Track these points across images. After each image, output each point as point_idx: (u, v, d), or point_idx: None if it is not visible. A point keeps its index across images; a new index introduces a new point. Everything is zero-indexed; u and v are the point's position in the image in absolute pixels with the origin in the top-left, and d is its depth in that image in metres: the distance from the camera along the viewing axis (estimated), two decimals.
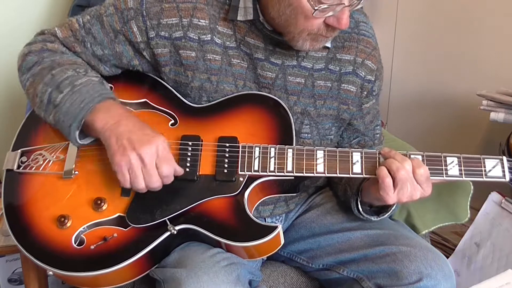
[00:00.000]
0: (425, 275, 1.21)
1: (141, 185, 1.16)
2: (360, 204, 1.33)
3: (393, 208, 1.31)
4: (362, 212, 1.34)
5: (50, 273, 1.19)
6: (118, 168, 1.15)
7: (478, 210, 1.84)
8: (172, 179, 1.20)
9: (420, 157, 1.21)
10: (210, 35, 1.28)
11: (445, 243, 2.17)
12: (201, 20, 1.27)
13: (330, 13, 1.14)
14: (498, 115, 1.92)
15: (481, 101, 1.97)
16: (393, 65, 2.59)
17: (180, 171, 1.21)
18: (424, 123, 2.61)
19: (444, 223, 1.66)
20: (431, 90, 2.53)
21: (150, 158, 1.15)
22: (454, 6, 2.39)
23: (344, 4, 1.13)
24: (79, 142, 1.22)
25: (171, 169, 1.18)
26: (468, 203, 1.66)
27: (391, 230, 1.34)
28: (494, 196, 1.83)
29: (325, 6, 1.12)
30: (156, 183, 1.17)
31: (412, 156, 1.21)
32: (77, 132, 1.20)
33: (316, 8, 1.12)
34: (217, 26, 1.28)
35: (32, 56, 1.28)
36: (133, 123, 1.19)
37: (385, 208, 1.31)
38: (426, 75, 2.56)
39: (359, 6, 1.17)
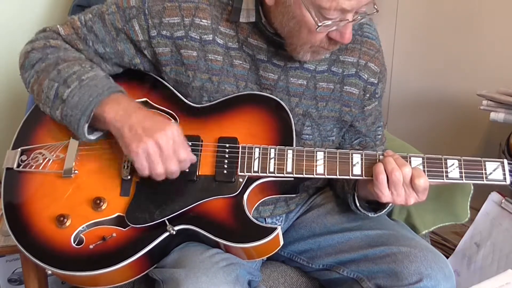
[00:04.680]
0: (425, 275, 1.21)
1: (159, 170, 1.16)
2: (357, 200, 1.33)
3: (389, 205, 1.31)
4: (359, 207, 1.33)
5: (49, 272, 1.19)
6: (136, 156, 1.15)
7: (478, 210, 1.84)
8: (188, 165, 1.20)
9: (420, 160, 1.21)
10: (212, 35, 1.27)
11: (445, 243, 2.17)
12: (203, 20, 1.27)
13: (334, 28, 1.15)
14: (498, 115, 1.92)
15: (481, 101, 1.97)
16: (393, 65, 2.59)
17: (194, 158, 1.21)
18: (424, 123, 2.61)
19: (444, 223, 1.66)
20: (431, 90, 2.53)
21: (166, 143, 1.15)
22: (454, 6, 2.39)
23: (348, 20, 1.13)
24: (87, 136, 1.22)
25: (188, 152, 1.19)
26: (468, 203, 1.66)
27: (391, 231, 1.34)
28: (494, 196, 1.82)
29: (329, 22, 1.13)
30: (174, 167, 1.16)
31: (412, 158, 1.21)
32: (86, 126, 1.20)
33: (320, 24, 1.12)
34: (219, 27, 1.28)
35: (36, 53, 1.28)
36: (144, 114, 1.19)
37: (381, 205, 1.31)
38: (426, 75, 2.56)
39: (362, 21, 1.18)
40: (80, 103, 1.18)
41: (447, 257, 1.81)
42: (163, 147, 1.15)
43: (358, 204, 1.33)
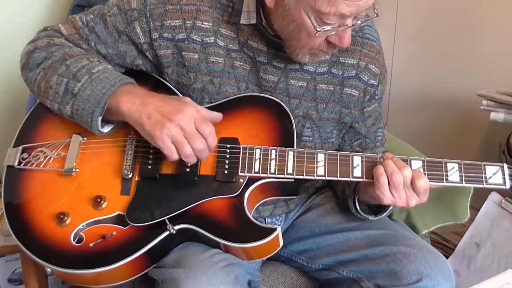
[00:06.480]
0: (425, 275, 1.22)
1: (188, 151, 1.15)
2: (358, 203, 1.33)
3: (390, 208, 1.31)
4: (359, 211, 1.34)
5: (49, 270, 1.20)
6: (161, 142, 1.14)
7: (478, 210, 1.84)
8: (215, 137, 1.19)
9: (420, 163, 1.21)
10: (213, 38, 1.28)
11: (445, 243, 2.16)
12: (205, 23, 1.27)
13: (333, 33, 1.15)
14: (498, 115, 1.92)
15: (481, 101, 1.96)
16: (393, 65, 2.59)
17: (219, 117, 1.22)
18: (424, 123, 2.60)
19: (444, 223, 1.66)
20: (431, 90, 2.53)
21: (188, 123, 1.15)
22: (454, 6, 2.38)
23: (347, 25, 1.13)
24: (101, 130, 1.22)
25: (210, 126, 1.18)
26: (468, 203, 1.66)
27: (390, 231, 1.35)
28: (494, 196, 1.82)
29: (328, 28, 1.13)
30: (201, 144, 1.16)
31: (412, 161, 1.21)
32: (100, 119, 1.20)
33: (319, 29, 1.13)
34: (220, 29, 1.28)
35: (40, 52, 1.28)
36: (158, 99, 1.19)
37: (382, 208, 1.31)
38: (426, 75, 2.56)
39: (362, 25, 1.18)
40: (93, 96, 1.18)
41: (447, 257, 1.81)
42: (186, 127, 1.14)
43: (358, 208, 1.33)
